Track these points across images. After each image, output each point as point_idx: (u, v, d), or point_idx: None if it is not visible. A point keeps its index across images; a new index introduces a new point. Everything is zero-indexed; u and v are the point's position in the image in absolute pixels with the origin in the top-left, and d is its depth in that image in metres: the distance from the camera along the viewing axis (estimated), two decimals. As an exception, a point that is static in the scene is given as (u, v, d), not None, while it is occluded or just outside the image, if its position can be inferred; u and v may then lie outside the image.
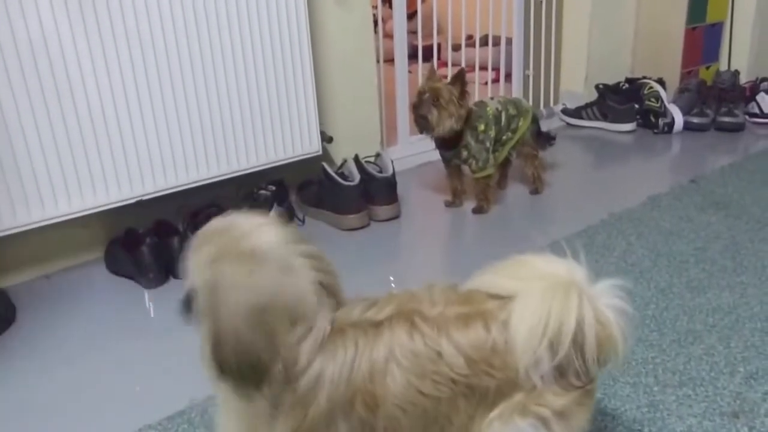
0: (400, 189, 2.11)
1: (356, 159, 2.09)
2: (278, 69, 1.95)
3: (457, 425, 0.81)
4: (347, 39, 2.23)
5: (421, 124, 1.99)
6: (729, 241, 1.83)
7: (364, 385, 0.77)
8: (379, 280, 1.70)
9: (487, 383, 0.80)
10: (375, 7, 2.42)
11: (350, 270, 1.78)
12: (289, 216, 2.05)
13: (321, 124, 2.11)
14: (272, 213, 0.85)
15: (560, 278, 0.82)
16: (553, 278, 0.82)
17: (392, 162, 2.10)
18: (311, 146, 2.08)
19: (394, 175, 2.06)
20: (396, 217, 2.07)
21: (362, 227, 2.00)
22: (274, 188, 1.97)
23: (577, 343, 0.79)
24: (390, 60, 2.50)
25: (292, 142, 2.04)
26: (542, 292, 0.80)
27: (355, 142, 2.27)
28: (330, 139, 2.17)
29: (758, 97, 3.01)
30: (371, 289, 1.63)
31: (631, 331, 0.85)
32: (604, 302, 0.84)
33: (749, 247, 1.79)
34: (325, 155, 2.19)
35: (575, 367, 0.81)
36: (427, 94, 1.95)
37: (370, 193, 2.03)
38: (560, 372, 0.81)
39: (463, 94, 1.96)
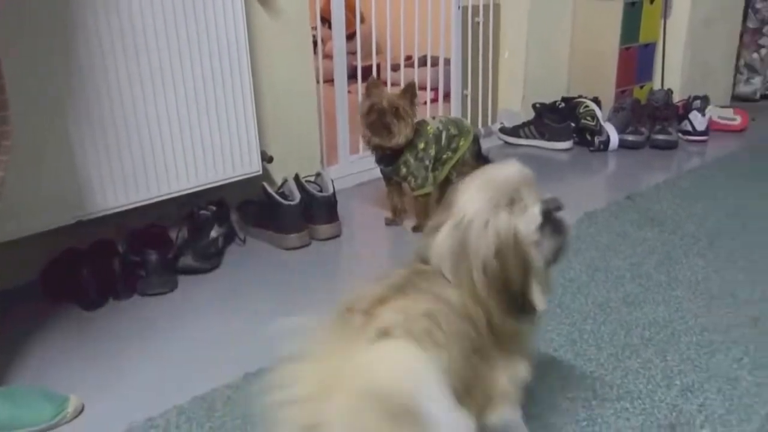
0: (341, 208, 2.09)
1: (296, 178, 2.07)
2: (218, 90, 1.92)
3: None
4: (287, 60, 2.21)
5: (382, 134, 2.00)
6: (664, 257, 1.86)
7: None
8: (320, 299, 1.67)
9: None
10: (314, 28, 2.41)
11: (291, 290, 1.77)
12: (230, 236, 2.01)
13: (261, 144, 2.09)
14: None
15: None
16: None
17: (332, 181, 2.09)
18: (251, 166, 2.05)
19: (334, 194, 2.04)
20: (337, 236, 2.05)
21: (303, 246, 1.98)
22: (214, 208, 1.93)
23: None
24: (330, 80, 2.49)
25: (232, 162, 2.00)
26: None
27: (296, 162, 2.25)
28: (270, 159, 2.14)
29: (691, 116, 3.11)
30: (312, 308, 1.59)
31: None
32: None
33: (683, 261, 1.83)
34: (266, 175, 2.16)
35: None
36: (386, 105, 1.97)
37: (310, 213, 2.01)
38: None
39: (413, 105, 2.02)
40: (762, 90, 3.95)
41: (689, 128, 3.10)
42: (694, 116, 3.10)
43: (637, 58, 3.41)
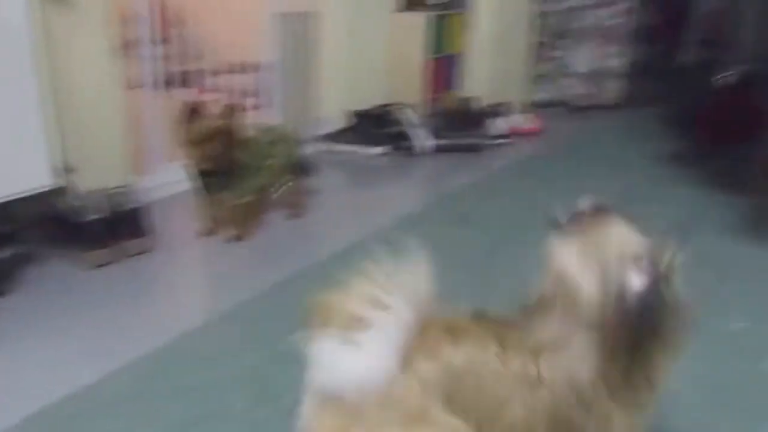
0: (153, 220, 1.99)
1: (101, 190, 1.93)
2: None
3: None
4: (89, 65, 2.06)
5: (217, 162, 1.94)
6: (471, 253, 1.97)
7: None
8: (132, 320, 1.57)
9: None
10: (127, 30, 2.29)
11: (96, 312, 1.64)
12: (22, 256, 1.83)
13: (60, 154, 1.92)
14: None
15: None
16: None
17: (143, 192, 1.98)
18: (46, 179, 1.88)
19: (144, 205, 1.94)
20: (149, 249, 1.94)
21: (109, 264, 1.85)
22: (5, 226, 1.75)
23: None
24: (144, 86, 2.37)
25: (22, 175, 1.82)
26: None
27: (100, 172, 2.09)
28: (71, 170, 1.98)
29: (493, 120, 3.34)
30: (124, 331, 1.50)
31: None
32: None
33: (490, 257, 1.95)
34: (65, 188, 1.99)
35: None
36: (219, 136, 1.91)
37: (117, 227, 1.88)
38: None
39: (238, 124, 1.99)
40: (553, 97, 4.34)
41: (492, 132, 3.33)
42: (497, 121, 3.33)
43: (445, 67, 3.60)
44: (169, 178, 2.43)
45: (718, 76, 2.56)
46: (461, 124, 3.25)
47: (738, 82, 2.39)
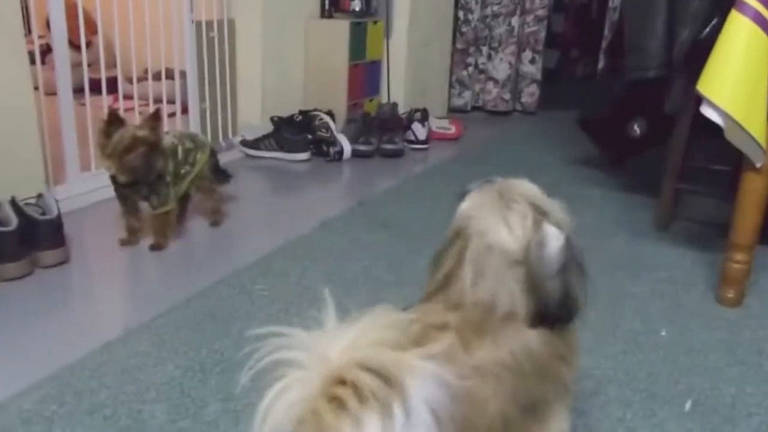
0: (71, 230, 1.97)
1: (12, 201, 1.89)
2: None
3: None
4: (-2, 70, 2.02)
5: (140, 173, 1.94)
6: (393, 258, 2.03)
7: None
8: (46, 334, 1.55)
9: None
10: (43, 36, 2.24)
11: (9, 326, 1.61)
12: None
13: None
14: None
15: None
16: None
17: (57, 202, 1.95)
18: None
19: (59, 216, 1.90)
20: (65, 261, 1.91)
21: (24, 276, 1.81)
22: None
23: None
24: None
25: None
26: None
27: (12, 183, 2.04)
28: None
29: (413, 126, 3.43)
30: (37, 346, 1.48)
31: None
32: None
33: (410, 261, 2.01)
34: (-25, 199, 1.94)
35: None
36: (140, 145, 1.90)
37: (32, 238, 1.84)
38: None
39: (161, 133, 1.99)
40: (472, 102, 4.48)
41: (413, 138, 3.41)
42: (416, 127, 3.42)
43: (365, 73, 3.66)
44: (87, 187, 2.40)
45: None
46: (381, 130, 3.31)
47: (645, 88, 2.53)
